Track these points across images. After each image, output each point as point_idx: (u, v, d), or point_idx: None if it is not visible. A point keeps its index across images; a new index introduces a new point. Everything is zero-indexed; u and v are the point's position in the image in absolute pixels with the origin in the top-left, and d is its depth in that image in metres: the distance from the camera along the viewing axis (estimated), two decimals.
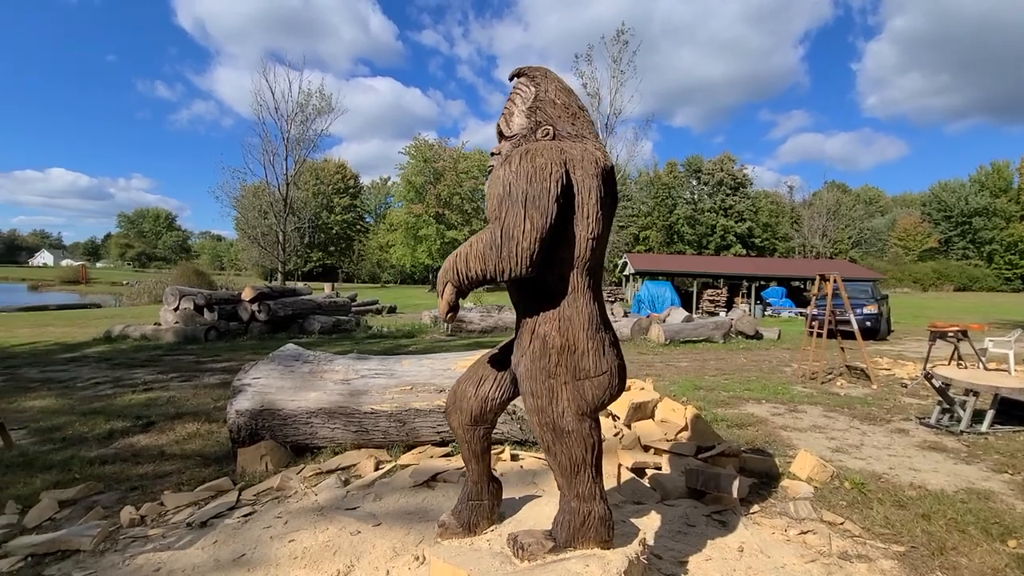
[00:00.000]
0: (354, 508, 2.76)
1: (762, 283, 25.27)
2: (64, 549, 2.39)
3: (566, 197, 1.57)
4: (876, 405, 5.42)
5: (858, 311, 11.39)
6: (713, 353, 9.58)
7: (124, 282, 42.55)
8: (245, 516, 2.74)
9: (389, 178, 67.27)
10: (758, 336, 11.89)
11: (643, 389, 3.84)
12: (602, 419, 3.46)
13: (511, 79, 1.87)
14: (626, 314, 16.74)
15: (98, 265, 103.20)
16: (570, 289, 1.64)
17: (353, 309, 16.22)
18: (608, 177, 1.67)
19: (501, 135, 1.83)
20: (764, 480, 3.21)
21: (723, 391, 5.93)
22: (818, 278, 7.23)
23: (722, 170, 59.30)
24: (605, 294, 21.23)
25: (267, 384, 3.59)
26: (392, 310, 20.30)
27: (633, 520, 2.48)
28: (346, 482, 3.13)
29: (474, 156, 45.63)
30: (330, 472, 3.27)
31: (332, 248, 61.65)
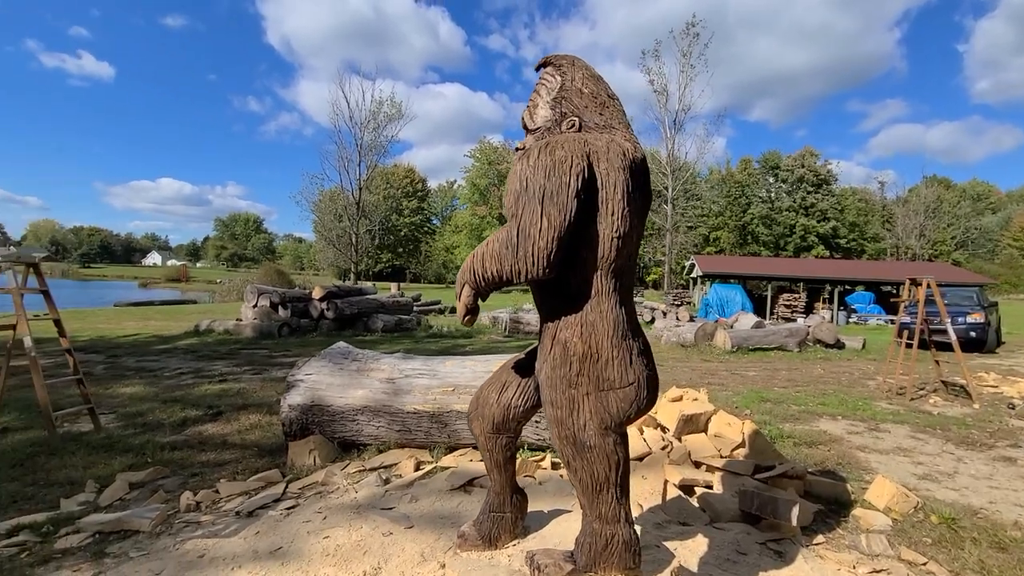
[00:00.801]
0: (390, 508, 2.77)
1: (847, 287, 23.32)
2: (126, 529, 2.57)
3: (588, 192, 1.46)
4: (977, 427, 4.77)
5: (959, 319, 10.17)
6: (786, 362, 8.91)
7: (217, 280, 46.44)
8: (288, 509, 2.82)
9: (455, 181, 68.87)
10: (839, 345, 10.93)
11: (696, 400, 3.59)
12: (650, 431, 3.27)
13: (537, 69, 1.78)
14: (692, 319, 16.03)
15: (197, 265, 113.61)
16: (594, 292, 1.52)
17: (416, 309, 16.67)
18: (638, 170, 1.54)
19: (526, 129, 1.74)
20: (833, 507, 2.89)
21: (793, 404, 5.47)
22: (907, 282, 6.49)
23: (803, 166, 55.48)
24: (670, 297, 20.48)
25: (317, 380, 3.71)
26: (454, 310, 20.70)
27: (677, 543, 2.30)
28: (386, 481, 3.16)
29: None
30: (372, 470, 3.32)
31: (400, 249, 63.97)
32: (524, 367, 1.83)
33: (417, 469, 3.30)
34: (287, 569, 2.21)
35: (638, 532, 1.65)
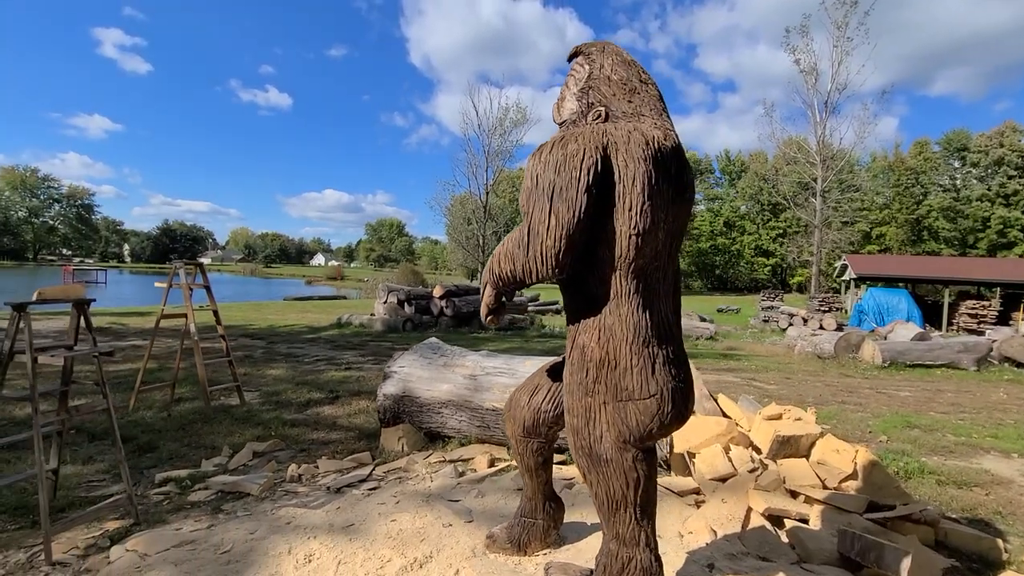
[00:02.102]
0: (457, 500, 2.87)
1: None
2: (240, 491, 3.00)
3: (604, 186, 1.36)
4: None
5: None
6: (955, 383, 7.39)
7: (364, 279, 51.95)
8: (370, 490, 3.07)
9: None
10: None
11: (799, 419, 3.14)
12: (738, 449, 2.96)
13: (569, 60, 1.71)
14: (840, 327, 14.07)
15: (351, 265, 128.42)
16: (612, 294, 1.42)
17: (531, 308, 16.97)
18: (666, 160, 1.40)
19: (557, 124, 1.68)
20: (974, 566, 2.34)
21: (950, 434, 4.52)
22: None
23: (1002, 145, 45.46)
24: (815, 302, 18.16)
25: (409, 373, 3.97)
26: None
27: None
28: (461, 474, 3.27)
29: None
30: (451, 462, 3.46)
31: None
32: (557, 371, 1.77)
33: (491, 465, 3.36)
34: (353, 545, 2.40)
35: (680, 562, 1.50)
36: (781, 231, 52.00)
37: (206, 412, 4.54)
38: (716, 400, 3.44)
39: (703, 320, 14.62)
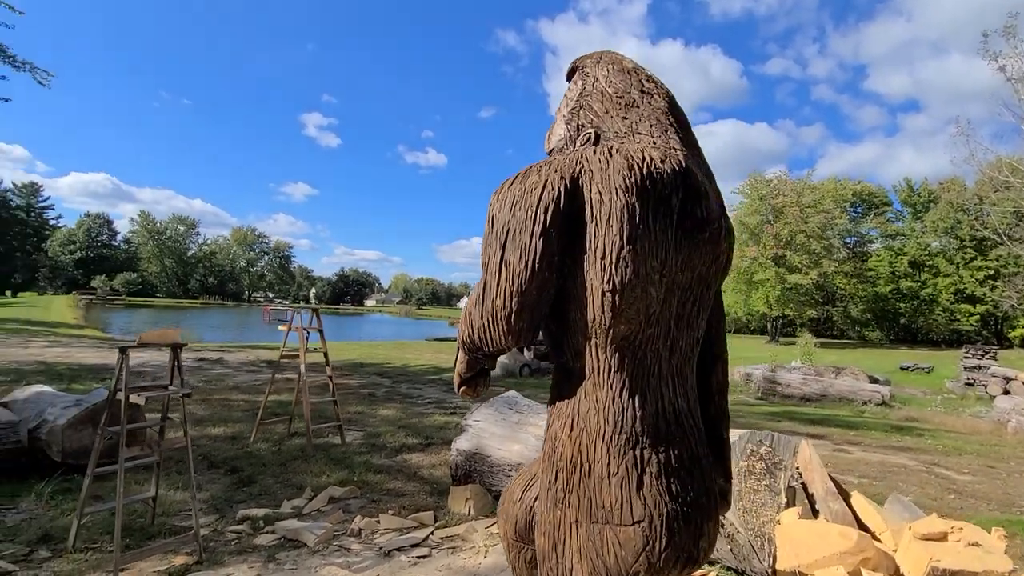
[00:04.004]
0: None
1: None
2: (299, 541, 3.01)
3: (572, 228, 1.04)
4: None
5: None
6: None
7: None
8: (419, 557, 2.87)
9: None
10: None
11: (976, 544, 2.17)
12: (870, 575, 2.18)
13: (568, 80, 1.42)
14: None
15: None
16: (588, 371, 1.06)
17: None
18: (661, 190, 1.03)
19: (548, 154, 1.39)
20: None
21: None
22: None
23: None
24: (977, 356, 13.95)
25: (483, 428, 3.76)
26: None
27: None
28: None
29: (825, 186, 38.93)
30: None
31: None
32: None
33: None
34: None
35: None
36: (991, 272, 42.16)
37: (306, 450, 4.81)
38: (848, 499, 2.61)
39: (873, 381, 12.03)
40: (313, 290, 10.82)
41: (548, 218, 1.03)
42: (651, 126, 1.17)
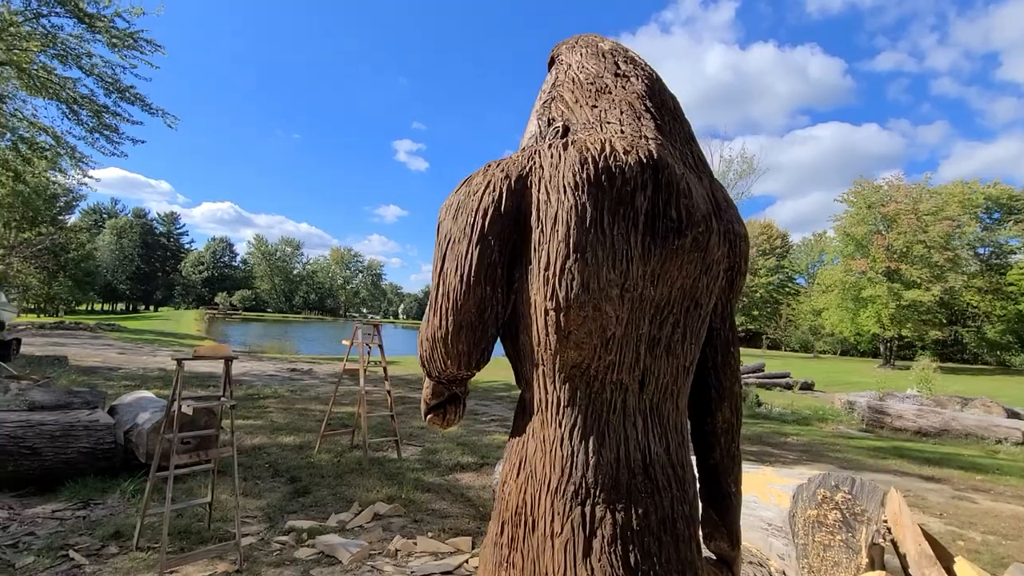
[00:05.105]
0: None
1: None
2: (334, 556, 3.01)
3: (515, 235, 0.89)
4: None
5: None
6: None
7: None
8: None
9: (824, 232, 58.94)
10: None
11: None
12: None
13: (550, 69, 1.27)
14: None
15: None
16: (536, 406, 0.89)
17: (752, 379, 14.59)
18: (621, 186, 0.85)
19: None
20: None
21: None
22: None
23: None
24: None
25: None
26: (808, 386, 17.03)
27: None
28: None
29: (949, 190, 34.43)
30: None
31: (756, 312, 58.36)
32: None
33: None
34: None
35: None
36: None
37: (362, 463, 4.90)
38: (951, 565, 2.11)
39: (1013, 415, 10.09)
40: (402, 305, 11.27)
41: (486, 223, 0.89)
42: (621, 113, 1.00)
